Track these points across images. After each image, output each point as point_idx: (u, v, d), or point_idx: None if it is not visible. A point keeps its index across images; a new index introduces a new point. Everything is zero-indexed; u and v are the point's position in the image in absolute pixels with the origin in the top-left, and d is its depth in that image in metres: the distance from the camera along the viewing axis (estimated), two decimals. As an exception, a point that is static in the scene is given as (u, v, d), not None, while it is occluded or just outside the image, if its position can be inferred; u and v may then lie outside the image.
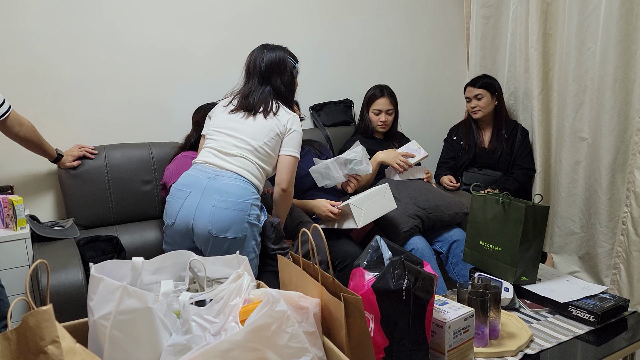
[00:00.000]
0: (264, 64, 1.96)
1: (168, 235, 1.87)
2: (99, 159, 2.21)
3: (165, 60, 2.47)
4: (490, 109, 2.83)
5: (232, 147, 1.86)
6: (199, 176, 1.81)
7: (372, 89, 2.69)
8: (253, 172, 1.85)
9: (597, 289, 1.62)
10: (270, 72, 1.96)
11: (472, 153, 2.86)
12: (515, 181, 2.77)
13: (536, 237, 1.66)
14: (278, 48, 2.01)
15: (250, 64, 2.00)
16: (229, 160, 1.84)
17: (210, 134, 1.93)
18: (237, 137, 1.87)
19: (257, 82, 1.96)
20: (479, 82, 2.81)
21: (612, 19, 2.37)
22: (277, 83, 1.96)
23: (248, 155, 1.85)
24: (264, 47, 2.01)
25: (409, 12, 3.12)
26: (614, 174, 2.47)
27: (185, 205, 1.77)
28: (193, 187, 1.79)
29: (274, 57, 1.97)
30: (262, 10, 2.67)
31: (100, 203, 2.20)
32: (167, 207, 1.83)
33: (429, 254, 2.27)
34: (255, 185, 1.84)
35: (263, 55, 1.97)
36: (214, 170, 1.82)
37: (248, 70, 2.00)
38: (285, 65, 1.98)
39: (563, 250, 2.79)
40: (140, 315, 1.00)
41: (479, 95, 2.80)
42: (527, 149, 2.84)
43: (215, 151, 1.87)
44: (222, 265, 1.28)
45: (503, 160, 2.83)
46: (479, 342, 1.36)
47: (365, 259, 1.28)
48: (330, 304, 1.07)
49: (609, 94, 2.43)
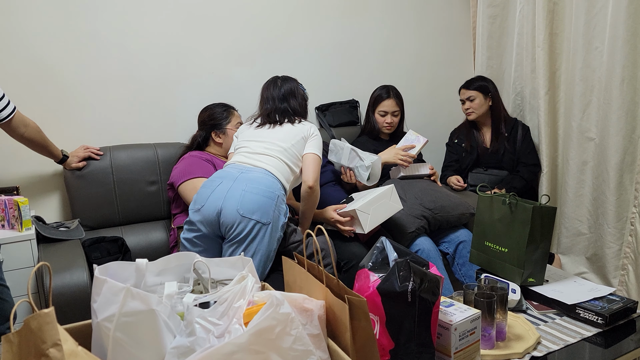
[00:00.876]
0: (282, 92, 2.15)
1: (192, 222, 1.86)
2: (105, 160, 2.21)
3: (171, 60, 2.47)
4: (484, 110, 2.81)
5: (262, 149, 1.98)
6: (231, 171, 1.91)
7: (378, 89, 2.67)
8: (282, 171, 1.95)
9: (605, 290, 1.60)
10: (286, 96, 2.15)
11: (475, 154, 2.85)
12: (521, 179, 2.76)
13: (543, 238, 1.64)
14: (289, 79, 2.20)
15: (266, 92, 2.18)
16: (259, 159, 1.95)
17: (240, 145, 2.05)
18: (267, 141, 2.01)
19: (276, 103, 2.14)
20: (472, 85, 2.80)
21: (619, 17, 2.34)
22: (294, 104, 2.15)
23: (278, 155, 1.97)
24: (276, 79, 2.20)
25: (415, 12, 3.10)
26: (622, 174, 2.45)
27: (216, 191, 1.84)
28: (225, 178, 1.87)
29: (288, 87, 2.17)
30: (269, 11, 2.67)
31: (106, 204, 2.20)
32: (197, 195, 1.89)
33: (435, 255, 2.25)
34: (283, 183, 1.93)
35: (278, 85, 2.17)
36: (245, 167, 1.92)
37: (266, 98, 2.17)
38: (297, 91, 2.19)
39: (570, 251, 2.76)
40: (144, 317, 0.99)
41: (471, 97, 2.78)
42: (530, 146, 2.82)
43: (246, 153, 1.99)
44: (226, 267, 1.27)
45: (507, 159, 2.81)
46: (485, 344, 1.34)
47: (370, 260, 1.28)
48: (334, 306, 1.06)
49: (617, 93, 2.40)
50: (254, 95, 2.67)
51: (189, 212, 1.91)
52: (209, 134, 2.28)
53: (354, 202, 2.19)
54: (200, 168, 2.12)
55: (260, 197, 1.80)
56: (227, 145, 2.26)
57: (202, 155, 2.20)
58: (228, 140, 2.26)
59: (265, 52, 2.69)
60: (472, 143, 2.86)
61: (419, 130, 2.64)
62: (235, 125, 2.28)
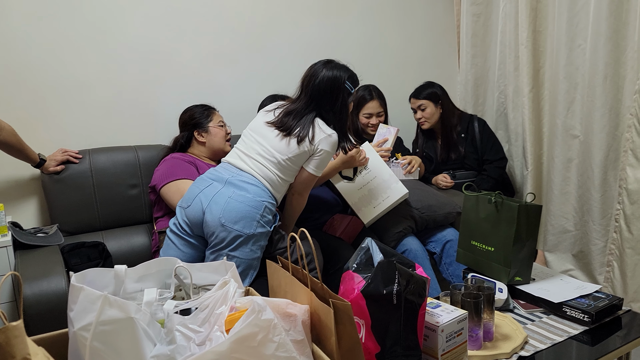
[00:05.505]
0: (317, 83, 1.86)
1: (178, 218, 1.87)
2: (84, 163, 2.16)
3: (151, 62, 2.42)
4: (436, 118, 2.77)
5: (255, 154, 1.89)
6: (222, 172, 1.87)
7: (361, 90, 2.62)
8: (271, 181, 1.86)
9: (591, 288, 1.60)
10: (321, 95, 1.87)
11: (434, 163, 2.83)
12: (489, 178, 2.74)
13: (529, 236, 1.64)
14: (340, 67, 1.90)
15: (307, 76, 1.91)
16: (250, 164, 1.88)
17: (244, 134, 1.97)
18: (264, 145, 1.89)
19: (304, 103, 1.88)
20: (421, 94, 2.75)
21: (601, 15, 2.35)
22: (326, 109, 1.88)
23: (269, 166, 1.87)
24: (327, 63, 1.90)
25: (399, 11, 3.09)
26: (606, 171, 2.46)
27: (204, 192, 1.81)
28: (215, 180, 1.85)
29: (331, 76, 1.86)
30: (251, 11, 2.64)
31: (86, 208, 2.15)
32: (187, 192, 1.88)
33: (423, 255, 2.24)
34: (271, 192, 1.86)
35: (322, 72, 1.87)
36: (236, 170, 1.87)
37: (303, 82, 1.92)
38: (339, 90, 1.87)
39: (557, 249, 2.77)
40: (122, 326, 0.97)
41: (422, 105, 2.74)
42: (491, 140, 2.79)
43: (241, 153, 1.92)
44: (209, 272, 1.24)
45: (470, 159, 2.79)
46: (472, 345, 1.33)
47: (355, 261, 1.25)
48: (319, 311, 1.03)
49: (600, 91, 2.41)
50: (237, 95, 2.65)
51: (176, 208, 1.90)
52: (192, 134, 2.24)
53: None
54: (182, 170, 2.08)
55: (245, 207, 1.76)
56: (211, 144, 2.22)
57: (184, 157, 2.16)
58: (212, 138, 2.22)
59: (247, 51, 2.66)
60: (430, 152, 2.85)
61: (405, 128, 2.64)
62: (218, 124, 2.25)
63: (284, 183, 1.90)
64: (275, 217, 1.89)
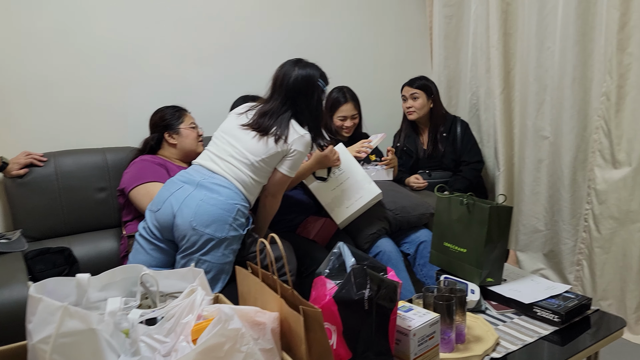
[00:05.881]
0: (292, 82, 1.86)
1: (148, 222, 1.82)
2: (49, 167, 2.09)
3: (120, 62, 2.36)
4: (425, 111, 2.79)
5: (228, 156, 1.85)
6: (194, 175, 1.83)
7: (335, 92, 2.60)
8: (244, 183, 1.83)
9: (561, 288, 1.62)
10: (296, 93, 1.87)
11: (415, 158, 2.85)
12: (464, 179, 2.77)
13: (500, 237, 1.65)
14: (311, 66, 1.91)
15: (278, 77, 1.90)
16: (222, 166, 1.84)
17: (216, 136, 1.94)
18: (236, 147, 1.85)
19: (279, 102, 1.87)
20: (416, 83, 2.78)
21: (569, 18, 2.39)
22: (301, 106, 1.88)
23: (241, 167, 1.83)
24: (297, 62, 1.91)
25: (372, 12, 3.09)
26: (575, 171, 2.50)
27: (175, 195, 1.77)
28: (187, 182, 1.80)
29: (304, 75, 1.87)
30: (223, 11, 2.60)
31: (51, 213, 2.08)
32: (157, 195, 1.84)
33: (397, 256, 2.24)
34: (244, 194, 1.83)
35: (294, 71, 1.87)
36: (208, 173, 1.83)
37: (275, 83, 1.91)
38: (313, 87, 1.89)
39: (528, 248, 2.81)
40: (83, 338, 0.94)
41: (415, 94, 2.76)
42: (471, 142, 2.83)
43: (212, 155, 1.88)
44: (176, 279, 1.21)
45: (448, 160, 2.81)
46: (445, 348, 1.33)
47: (327, 266, 1.24)
48: (289, 318, 1.01)
49: (568, 92, 2.46)
50: (209, 96, 2.60)
51: (146, 211, 1.85)
52: (162, 135, 2.19)
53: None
54: (152, 172, 2.03)
55: (217, 210, 1.73)
56: (182, 146, 2.18)
57: (154, 159, 2.11)
58: (183, 140, 2.18)
59: (221, 52, 2.62)
60: (412, 146, 2.86)
61: (379, 130, 2.65)
62: (189, 125, 2.20)
63: (257, 185, 1.88)
64: (248, 220, 1.86)
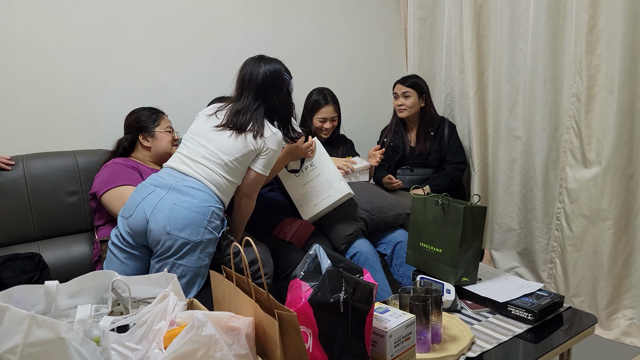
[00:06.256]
0: (261, 78, 1.88)
1: (120, 229, 1.78)
2: (17, 170, 2.03)
3: (91, 62, 2.31)
4: (416, 110, 2.83)
5: (200, 157, 1.83)
6: (165, 178, 1.80)
7: (315, 94, 2.59)
8: (217, 184, 1.81)
9: (534, 286, 1.64)
10: (267, 88, 1.88)
11: (401, 153, 2.88)
12: (445, 177, 2.81)
13: (475, 237, 1.66)
14: (274, 61, 1.94)
15: (245, 76, 1.91)
16: (194, 168, 1.82)
17: (186, 138, 1.91)
18: (208, 148, 1.84)
19: (251, 98, 1.88)
20: (409, 81, 2.82)
21: (540, 20, 2.44)
22: (272, 100, 1.90)
23: (215, 168, 1.82)
24: (260, 59, 1.93)
25: (347, 14, 3.10)
26: (548, 171, 2.55)
27: (146, 200, 1.74)
28: (158, 186, 1.77)
29: (272, 70, 1.90)
30: (197, 11, 2.57)
31: (20, 217, 2.02)
32: (128, 201, 1.79)
33: (373, 257, 2.24)
34: (219, 196, 1.81)
35: (259, 68, 1.89)
36: (180, 175, 1.80)
37: (242, 82, 1.92)
38: (282, 81, 1.92)
39: (503, 247, 2.85)
40: (52, 347, 0.91)
41: (407, 93, 2.80)
42: (457, 143, 2.87)
43: (184, 157, 1.85)
44: (148, 285, 1.19)
45: (433, 158, 2.85)
46: (421, 348, 1.33)
47: (302, 269, 1.23)
48: (264, 322, 1.00)
49: (540, 93, 2.50)
50: (183, 97, 2.57)
51: (118, 217, 1.81)
52: (136, 137, 2.15)
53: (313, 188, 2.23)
54: (124, 175, 1.99)
55: (191, 213, 1.70)
56: (156, 149, 2.14)
57: (127, 162, 2.07)
58: (158, 144, 2.14)
59: (194, 52, 2.59)
60: (399, 142, 2.89)
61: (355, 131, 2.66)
62: (165, 129, 2.17)
63: (231, 186, 1.86)
64: (223, 222, 1.84)
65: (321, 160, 2.25)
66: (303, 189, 2.24)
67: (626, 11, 2.11)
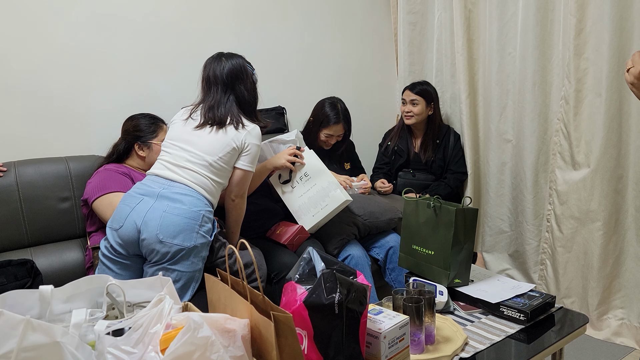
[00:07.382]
0: (226, 72, 1.92)
1: (110, 242, 1.76)
2: (9, 176, 2.03)
3: (83, 68, 2.31)
4: (423, 117, 2.82)
5: (184, 162, 1.83)
6: (152, 186, 1.79)
7: (328, 108, 2.51)
8: (205, 187, 1.82)
9: (526, 287, 1.66)
10: (233, 80, 1.92)
11: (405, 158, 2.89)
12: (447, 186, 2.82)
13: (467, 239, 1.68)
14: (235, 56, 1.98)
15: (209, 74, 1.94)
16: (180, 173, 1.82)
17: (165, 146, 1.91)
18: (191, 151, 1.84)
19: (220, 91, 1.91)
20: (417, 88, 2.80)
21: (528, 25, 2.47)
22: (241, 90, 1.93)
23: (200, 170, 1.82)
24: (220, 56, 1.96)
25: (337, 19, 3.12)
26: (537, 173, 2.58)
27: (136, 210, 1.73)
28: (146, 195, 1.76)
29: (235, 64, 1.94)
30: (188, 15, 2.58)
31: (12, 224, 2.01)
32: (116, 212, 1.78)
33: (364, 261, 2.25)
34: (207, 198, 1.82)
35: (222, 64, 1.93)
36: (166, 182, 1.80)
37: (208, 80, 1.94)
38: (246, 72, 1.96)
39: (494, 249, 2.87)
40: (47, 352, 0.91)
41: (415, 101, 2.79)
42: (460, 153, 2.89)
43: (168, 164, 1.85)
44: (143, 288, 1.19)
45: (436, 166, 2.87)
46: (415, 349, 1.34)
47: (297, 272, 1.24)
48: (260, 324, 1.01)
49: (529, 97, 2.53)
50: (175, 103, 2.56)
51: (106, 229, 1.80)
52: (132, 145, 2.14)
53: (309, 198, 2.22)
54: (116, 182, 1.99)
55: (182, 219, 1.71)
56: (150, 160, 2.13)
57: (119, 168, 2.07)
58: (152, 155, 2.12)
59: (185, 58, 2.59)
60: (404, 147, 2.90)
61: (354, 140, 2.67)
62: (162, 141, 2.16)
63: (218, 187, 1.87)
64: (214, 224, 1.85)
65: (315, 169, 2.23)
66: (300, 200, 2.22)
67: (613, 15, 2.15)
